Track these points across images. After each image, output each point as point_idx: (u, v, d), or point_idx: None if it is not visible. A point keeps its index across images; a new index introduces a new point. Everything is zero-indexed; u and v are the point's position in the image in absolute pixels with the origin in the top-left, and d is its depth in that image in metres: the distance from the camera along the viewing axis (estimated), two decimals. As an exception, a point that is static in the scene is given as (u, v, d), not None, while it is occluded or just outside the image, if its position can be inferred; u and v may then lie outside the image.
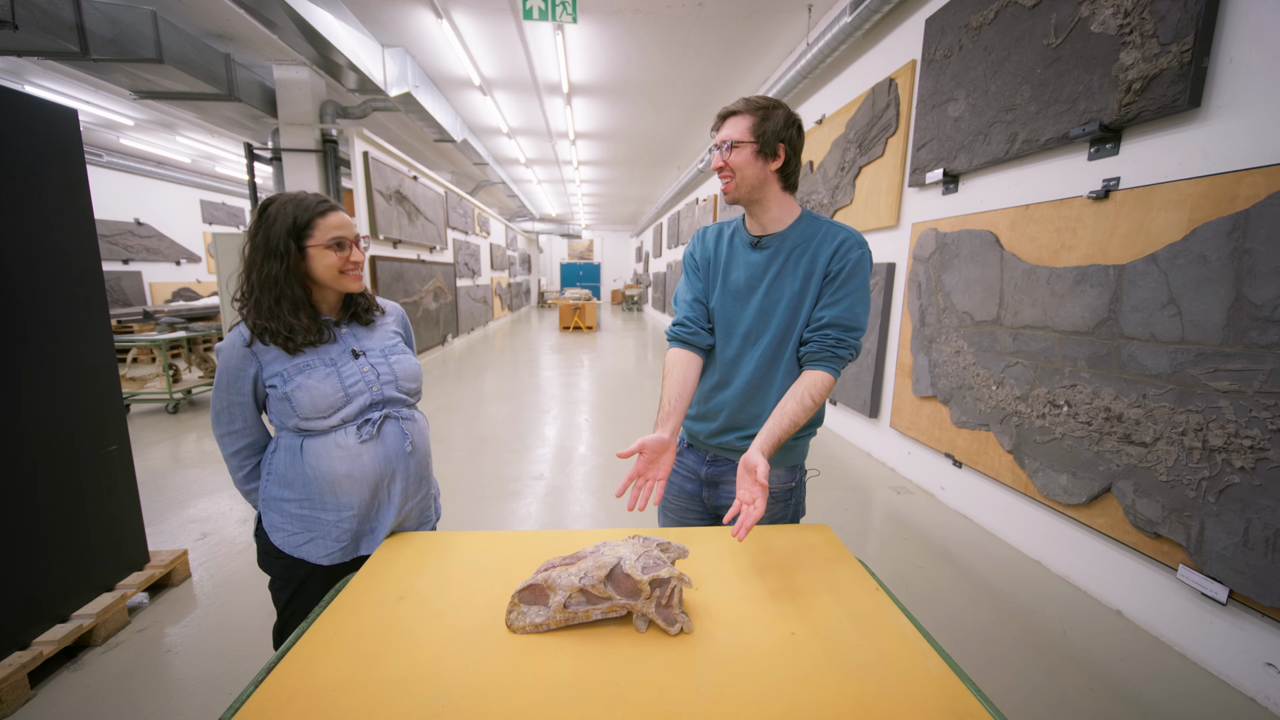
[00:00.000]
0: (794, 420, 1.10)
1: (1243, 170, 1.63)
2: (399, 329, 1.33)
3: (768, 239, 1.22)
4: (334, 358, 1.16)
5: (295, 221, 1.09)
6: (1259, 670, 1.64)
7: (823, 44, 4.06)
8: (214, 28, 5.04)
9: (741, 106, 1.16)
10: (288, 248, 1.09)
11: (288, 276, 1.09)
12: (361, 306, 1.25)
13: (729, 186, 1.18)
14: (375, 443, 1.17)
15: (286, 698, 0.70)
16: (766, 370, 1.22)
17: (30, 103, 1.69)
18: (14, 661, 1.57)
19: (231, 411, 1.15)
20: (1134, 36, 1.93)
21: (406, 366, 1.26)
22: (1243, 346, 1.62)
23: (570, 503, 3.11)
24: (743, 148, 1.14)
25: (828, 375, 1.13)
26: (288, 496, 1.16)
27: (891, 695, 0.71)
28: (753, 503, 0.96)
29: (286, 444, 1.16)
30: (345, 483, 1.15)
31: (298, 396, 1.10)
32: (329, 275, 1.13)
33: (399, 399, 1.24)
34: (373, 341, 1.24)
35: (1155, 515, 1.88)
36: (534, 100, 7.24)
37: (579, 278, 24.09)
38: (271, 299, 1.09)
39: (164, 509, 2.90)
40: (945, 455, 3.03)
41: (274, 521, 1.18)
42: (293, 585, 1.21)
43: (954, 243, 2.92)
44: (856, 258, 1.15)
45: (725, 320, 1.27)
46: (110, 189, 9.16)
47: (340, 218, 1.14)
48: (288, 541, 1.17)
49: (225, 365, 1.12)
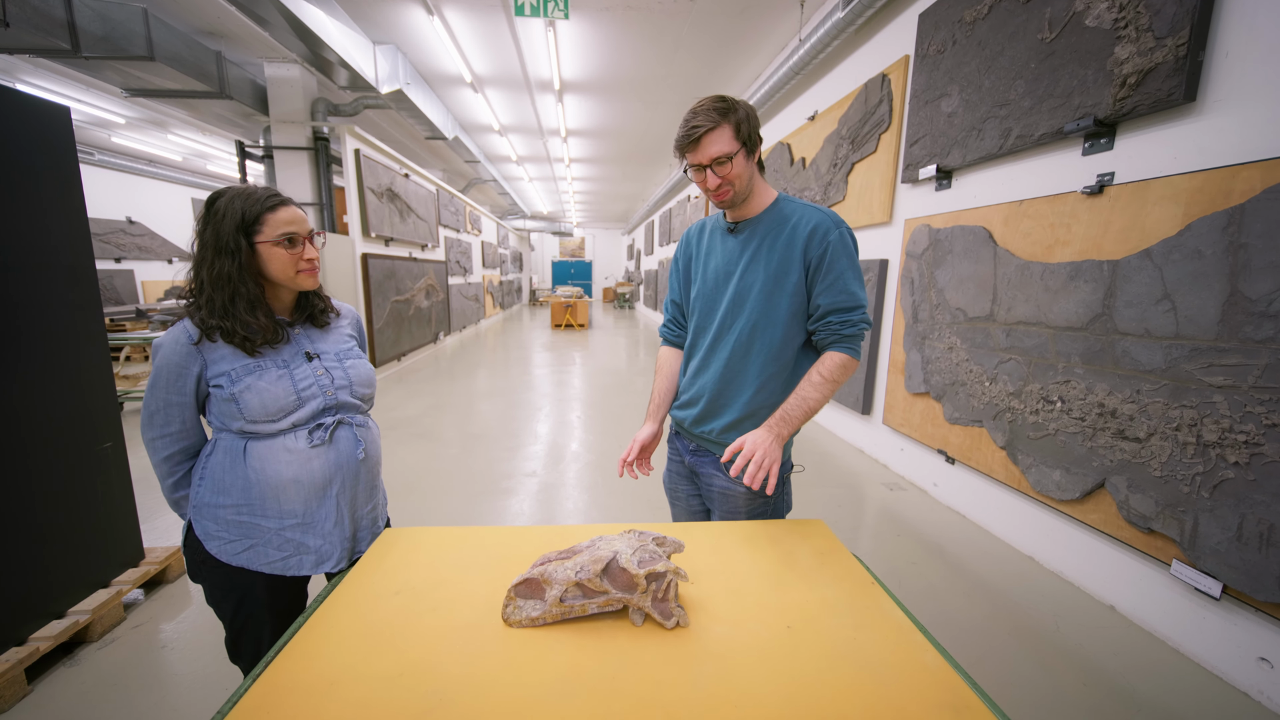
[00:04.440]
0: (804, 396, 1.14)
1: (1238, 165, 1.64)
2: (354, 332, 1.29)
3: (743, 224, 1.24)
4: (286, 359, 1.12)
5: (244, 217, 1.04)
6: (1252, 665, 1.65)
7: (815, 39, 4.06)
8: (205, 25, 5.00)
9: (713, 120, 1.09)
10: (238, 244, 1.04)
11: (241, 274, 1.05)
12: (317, 308, 1.21)
13: (726, 196, 1.17)
14: (327, 448, 1.13)
15: (282, 693, 0.70)
16: (742, 355, 1.23)
17: (23, 100, 1.68)
18: (11, 657, 1.57)
19: (169, 413, 1.08)
20: (1129, 30, 1.93)
21: (361, 371, 1.22)
22: (1238, 341, 1.62)
23: (563, 499, 3.10)
24: (735, 158, 1.13)
25: (840, 354, 1.16)
26: (223, 502, 1.09)
27: (889, 689, 0.71)
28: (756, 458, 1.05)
29: (226, 446, 1.09)
30: (291, 488, 1.10)
31: (246, 398, 1.05)
32: (282, 273, 1.09)
33: (352, 404, 1.20)
34: (327, 344, 1.20)
35: (1149, 511, 1.89)
36: (525, 97, 7.22)
37: (571, 275, 24.06)
38: (225, 297, 1.05)
39: (158, 506, 2.88)
40: (938, 452, 3.04)
41: (208, 529, 1.10)
42: (237, 594, 1.13)
43: (947, 239, 2.93)
44: (835, 239, 1.15)
45: (705, 308, 1.29)
46: (102, 187, 9.09)
47: (291, 212, 1.09)
48: (224, 550, 1.10)
49: (165, 363, 1.05)
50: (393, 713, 0.66)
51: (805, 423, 1.17)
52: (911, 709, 0.68)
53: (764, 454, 1.06)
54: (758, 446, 1.07)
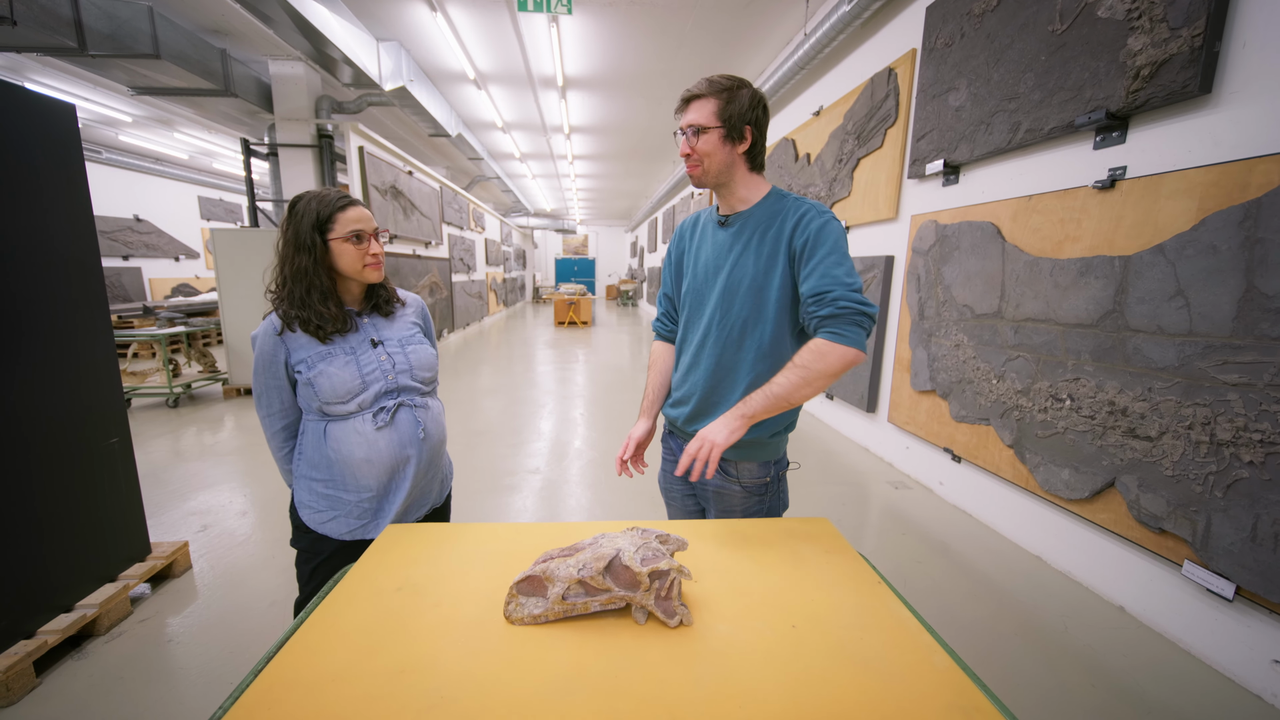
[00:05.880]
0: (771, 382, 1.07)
1: (1255, 158, 1.61)
2: (418, 320, 1.39)
3: (734, 217, 1.21)
4: (354, 346, 1.23)
5: (318, 216, 1.16)
6: (1266, 667, 1.63)
7: (820, 34, 4.02)
8: (210, 23, 5.01)
9: (705, 89, 1.11)
10: (313, 241, 1.16)
11: (315, 268, 1.17)
12: (382, 298, 1.31)
13: (695, 171, 1.16)
14: (390, 429, 1.24)
15: (285, 688, 0.69)
16: (733, 352, 1.20)
17: (29, 98, 1.69)
18: (19, 650, 1.59)
19: (269, 395, 1.23)
20: (1143, 21, 1.90)
21: (422, 356, 1.32)
22: (1253, 338, 1.60)
23: (566, 496, 3.10)
24: (709, 133, 1.11)
25: (819, 340, 1.05)
26: (315, 476, 1.25)
27: (895, 689, 0.70)
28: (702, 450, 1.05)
29: (312, 427, 1.24)
30: (364, 467, 1.23)
31: (319, 382, 1.18)
32: (351, 267, 1.21)
33: (413, 387, 1.30)
34: (391, 332, 1.30)
35: (1160, 510, 1.87)
36: (529, 94, 7.21)
37: (574, 273, 24.04)
38: (303, 289, 1.17)
39: (165, 501, 2.90)
40: (944, 450, 3.01)
41: (303, 499, 1.26)
42: (315, 560, 1.28)
43: (954, 235, 2.90)
44: (818, 227, 1.11)
45: (696, 302, 1.27)
46: (109, 185, 9.15)
47: (359, 212, 1.20)
48: (313, 518, 1.25)
49: (260, 351, 1.20)
50: (395, 709, 0.66)
51: (775, 411, 1.08)
52: (918, 709, 0.67)
53: (700, 445, 1.05)
54: (702, 440, 1.05)
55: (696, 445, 1.06)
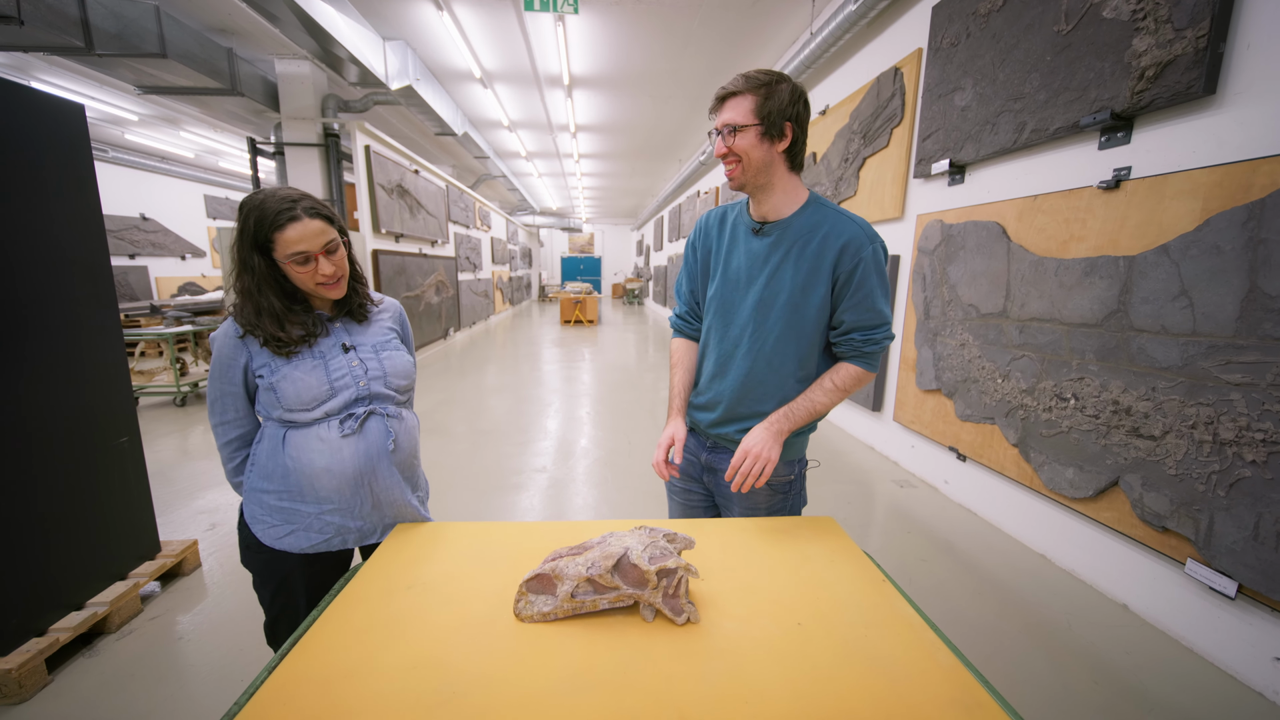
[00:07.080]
0: (812, 399, 1.15)
1: (1259, 159, 1.60)
2: (395, 326, 1.30)
3: (770, 226, 1.17)
4: (323, 351, 1.14)
5: (255, 236, 1.04)
6: (1268, 665, 1.64)
7: (826, 33, 4.02)
8: (216, 22, 5.03)
9: (742, 85, 1.06)
10: (255, 262, 1.05)
11: (260, 289, 1.07)
12: (355, 303, 1.22)
13: (734, 173, 1.12)
14: (357, 438, 1.14)
15: (299, 683, 0.71)
16: (765, 366, 1.18)
17: (38, 98, 1.70)
18: (31, 648, 1.60)
19: (224, 401, 1.14)
20: (1147, 22, 1.89)
21: (397, 363, 1.23)
22: (1256, 339, 1.60)
23: (573, 495, 3.11)
24: (746, 131, 1.07)
25: (856, 368, 1.17)
26: (267, 488, 1.14)
27: (900, 687, 0.71)
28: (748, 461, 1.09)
29: (270, 434, 1.14)
30: (324, 476, 1.12)
31: (282, 387, 1.09)
32: (304, 288, 1.11)
33: (387, 395, 1.21)
34: (365, 337, 1.22)
35: (1163, 509, 1.87)
36: (535, 93, 7.21)
37: (580, 271, 24.05)
38: (252, 309, 1.07)
39: (173, 500, 2.93)
40: (949, 449, 3.02)
41: (254, 513, 1.16)
42: (274, 581, 1.19)
43: (960, 234, 2.89)
44: (869, 255, 1.10)
45: (724, 309, 1.24)
46: (116, 184, 9.18)
47: (300, 230, 1.04)
48: (268, 534, 1.15)
49: (218, 354, 1.12)
50: (406, 705, 0.67)
51: (807, 423, 1.18)
52: (923, 707, 0.68)
53: (755, 459, 1.10)
54: (752, 450, 1.10)
55: (741, 458, 1.10)
